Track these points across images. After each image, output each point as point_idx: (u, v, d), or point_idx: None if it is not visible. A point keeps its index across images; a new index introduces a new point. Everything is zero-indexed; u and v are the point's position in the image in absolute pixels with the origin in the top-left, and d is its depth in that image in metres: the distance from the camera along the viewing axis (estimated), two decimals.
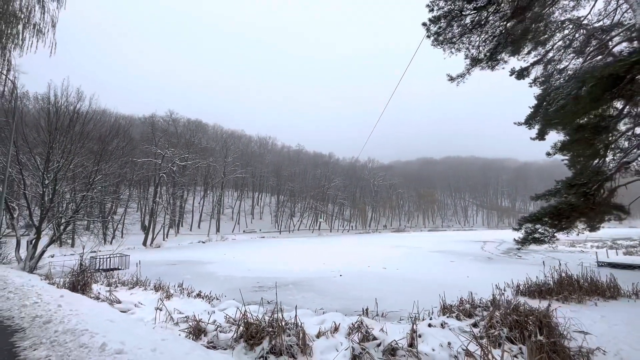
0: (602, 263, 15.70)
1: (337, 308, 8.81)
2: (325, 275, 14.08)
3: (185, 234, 50.88)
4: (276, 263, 18.82)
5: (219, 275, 15.02)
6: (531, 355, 4.98)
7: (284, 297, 10.46)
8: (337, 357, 4.89)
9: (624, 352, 5.33)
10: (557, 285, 9.49)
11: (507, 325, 5.76)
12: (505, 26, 5.22)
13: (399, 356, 4.92)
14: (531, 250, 26.21)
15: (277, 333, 5.37)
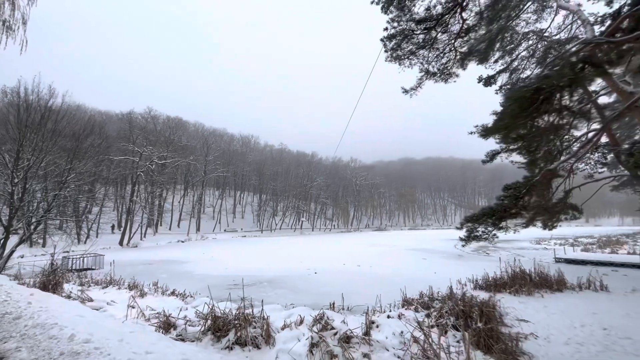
0: (559, 259, 16.90)
1: (307, 303, 9.25)
2: (301, 273, 14.50)
3: (164, 233, 50.03)
4: (254, 262, 19.08)
5: (195, 274, 15.16)
6: (471, 339, 5.59)
7: (258, 294, 10.81)
8: (297, 346, 5.32)
9: (553, 336, 6.03)
10: (511, 280, 10.30)
11: (454, 314, 6.38)
12: (453, 44, 5.78)
13: (353, 343, 5.40)
14: (499, 247, 27.61)
15: (242, 326, 5.76)
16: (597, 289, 10.05)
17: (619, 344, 5.40)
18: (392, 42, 5.52)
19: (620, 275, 12.86)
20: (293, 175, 78.47)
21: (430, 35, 5.55)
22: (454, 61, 5.99)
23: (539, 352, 5.32)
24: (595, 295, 9.43)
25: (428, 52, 5.85)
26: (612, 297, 9.25)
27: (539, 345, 5.65)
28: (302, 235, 59.26)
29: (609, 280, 11.78)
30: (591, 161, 15.87)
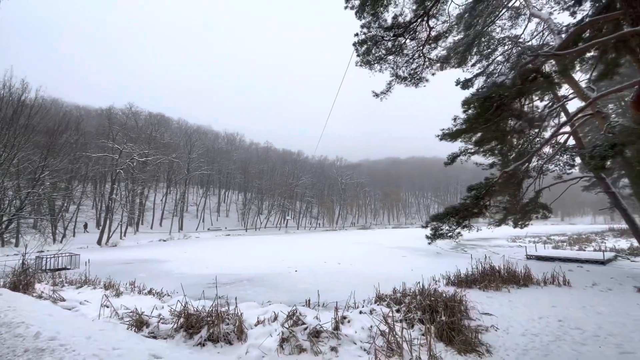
0: (530, 256, 17.65)
1: (285, 300, 9.40)
2: (281, 271, 14.62)
3: (146, 232, 49.01)
4: (236, 261, 19.06)
5: (175, 273, 15.05)
6: (434, 332, 5.91)
7: (236, 292, 10.86)
8: (268, 341, 5.48)
9: (512, 328, 6.41)
10: (481, 276, 10.79)
11: (420, 309, 6.68)
12: (421, 51, 6.04)
13: (322, 337, 5.61)
14: (477, 245, 28.50)
15: (215, 322, 5.87)
16: (560, 284, 10.63)
17: (570, 334, 5.81)
18: (363, 47, 5.72)
19: (584, 271, 13.58)
20: (278, 174, 78.24)
21: (398, 42, 5.78)
22: (423, 67, 6.26)
23: (497, 343, 5.66)
24: (557, 290, 9.98)
25: (397, 58, 6.08)
26: (573, 291, 9.82)
27: (498, 337, 6.00)
28: (287, 234, 59.24)
29: (573, 276, 12.47)
30: (560, 163, 16.65)
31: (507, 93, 4.62)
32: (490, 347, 5.45)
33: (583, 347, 5.15)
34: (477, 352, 5.25)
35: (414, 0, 5.18)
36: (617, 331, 5.74)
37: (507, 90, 4.61)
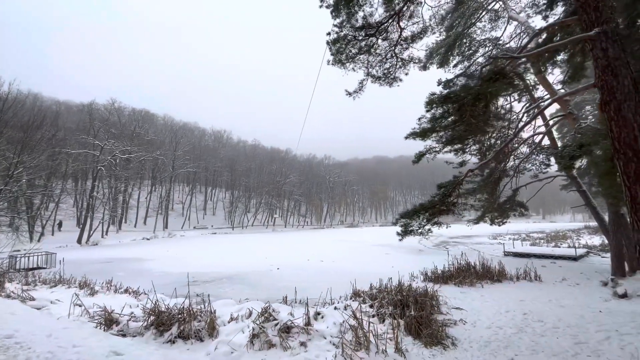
0: (508, 253, 18.19)
1: (262, 298, 9.43)
2: (263, 270, 14.63)
3: (129, 230, 48.07)
4: (219, 259, 18.94)
5: (155, 271, 14.86)
6: (404, 326, 6.06)
7: (216, 290, 10.85)
8: (238, 337, 5.51)
9: (479, 322, 6.62)
10: (457, 272, 11.08)
11: (392, 304, 6.83)
12: (393, 51, 6.15)
13: (293, 333, 5.67)
14: (459, 242, 29.13)
15: (186, 320, 5.86)
16: (532, 279, 11.02)
17: (532, 326, 6.05)
18: (336, 46, 5.78)
19: (556, 267, 14.10)
20: (266, 172, 77.82)
21: (370, 42, 5.86)
22: (395, 67, 6.37)
23: (462, 336, 5.84)
24: (528, 285, 10.34)
25: (370, 58, 6.16)
26: (543, 286, 10.19)
27: (465, 330, 6.19)
28: (274, 232, 59.09)
29: (545, 271, 12.93)
30: (537, 162, 17.15)
31: (464, 94, 4.77)
32: (456, 340, 5.62)
33: (542, 338, 5.37)
34: (442, 345, 5.42)
35: (383, 1, 5.27)
36: (575, 323, 6.01)
37: (465, 91, 4.77)
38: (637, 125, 4.17)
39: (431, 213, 6.53)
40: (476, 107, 5.24)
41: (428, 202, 6.60)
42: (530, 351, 4.92)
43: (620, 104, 4.22)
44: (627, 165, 4.22)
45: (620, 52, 4.27)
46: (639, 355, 4.41)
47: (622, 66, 4.25)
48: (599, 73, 4.41)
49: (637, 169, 4.15)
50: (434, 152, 6.95)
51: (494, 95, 4.82)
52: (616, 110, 4.26)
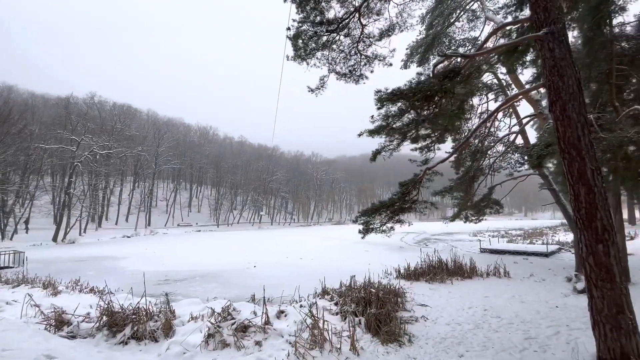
0: (484, 249, 18.54)
1: (232, 296, 9.34)
2: (240, 267, 14.48)
3: (110, 228, 46.94)
4: (197, 257, 18.66)
5: (127, 270, 14.52)
6: (365, 323, 6.08)
7: (187, 289, 10.67)
8: (194, 337, 5.40)
9: (441, 318, 6.69)
10: (428, 269, 11.22)
11: (355, 302, 6.84)
12: (357, 48, 6.09)
13: (250, 332, 5.60)
14: (440, 239, 29.56)
15: (140, 320, 5.71)
16: (501, 275, 11.25)
17: (489, 322, 6.14)
18: (297, 41, 5.68)
19: (528, 263, 14.44)
20: (253, 169, 77.18)
21: (332, 38, 5.80)
22: (360, 64, 6.32)
23: (421, 332, 5.89)
24: (497, 281, 10.54)
25: (332, 54, 6.10)
26: (510, 282, 10.41)
27: (425, 326, 6.25)
28: (260, 230, 58.72)
29: (516, 268, 13.23)
30: (512, 161, 17.51)
31: (411, 92, 4.76)
32: (414, 337, 5.66)
33: (495, 334, 5.46)
34: (399, 342, 5.44)
35: None
36: (530, 318, 6.13)
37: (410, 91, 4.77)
38: (581, 125, 4.25)
39: (392, 211, 6.53)
40: (429, 104, 5.25)
41: (388, 200, 6.60)
42: (481, 347, 4.98)
43: (565, 104, 4.29)
44: (571, 165, 4.29)
45: (566, 52, 4.33)
46: (577, 349, 4.52)
47: (567, 66, 4.31)
48: (547, 73, 4.47)
49: (580, 168, 4.23)
50: (389, 149, 6.94)
51: (449, 93, 4.83)
52: (562, 110, 4.33)
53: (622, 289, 4.06)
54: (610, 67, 9.04)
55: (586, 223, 4.22)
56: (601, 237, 4.11)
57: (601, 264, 4.11)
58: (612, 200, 9.24)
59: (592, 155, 4.20)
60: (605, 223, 4.12)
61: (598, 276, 4.14)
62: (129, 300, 7.61)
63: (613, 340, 4.03)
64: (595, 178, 4.17)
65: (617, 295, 4.04)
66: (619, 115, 8.37)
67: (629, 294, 4.15)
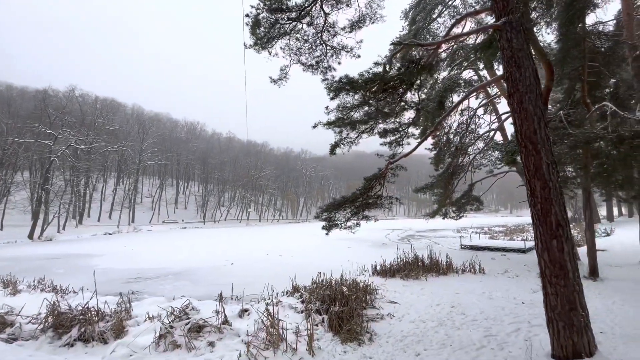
0: (464, 246, 18.65)
1: (200, 295, 9.07)
2: (216, 265, 14.19)
3: (91, 225, 45.80)
4: (175, 254, 18.25)
5: (99, 268, 14.05)
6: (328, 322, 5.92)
7: (155, 287, 10.34)
8: (145, 338, 5.14)
9: (407, 315, 6.58)
10: (404, 265, 11.16)
11: (320, 299, 6.68)
12: (321, 37, 5.88)
13: (205, 332, 5.38)
14: (423, 236, 29.74)
15: (89, 321, 5.42)
16: (476, 272, 11.26)
17: (453, 319, 6.06)
18: (256, 30, 5.43)
19: (505, 259, 14.54)
20: (240, 165, 76.40)
21: (294, 26, 5.56)
22: (326, 55, 6.11)
23: (384, 331, 5.76)
24: (471, 277, 10.54)
25: (297, 44, 5.86)
26: (484, 278, 10.43)
27: (389, 324, 6.12)
28: (247, 227, 58.19)
29: (493, 264, 13.30)
30: (492, 158, 17.62)
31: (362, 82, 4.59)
32: (375, 335, 5.53)
33: (457, 332, 5.37)
34: (358, 341, 5.30)
35: None
36: (495, 315, 6.08)
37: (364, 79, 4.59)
38: (537, 118, 4.13)
39: (356, 206, 6.37)
40: (387, 95, 5.08)
41: (351, 195, 6.44)
42: (440, 345, 4.88)
43: (523, 96, 4.16)
44: (528, 159, 4.18)
45: (523, 42, 4.20)
46: (533, 346, 4.44)
47: (525, 57, 4.19)
48: (505, 64, 4.34)
49: (536, 162, 4.12)
50: (347, 143, 6.76)
51: (408, 84, 4.68)
52: (519, 102, 4.21)
53: (575, 285, 3.99)
54: (582, 64, 9.05)
55: (541, 218, 4.12)
56: (555, 232, 4.02)
57: (555, 260, 4.02)
58: (583, 197, 9.31)
59: (548, 149, 4.10)
60: (560, 218, 4.03)
61: (552, 272, 4.06)
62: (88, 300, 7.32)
63: (566, 337, 3.97)
64: (550, 172, 4.07)
65: (570, 292, 3.96)
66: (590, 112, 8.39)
67: (582, 290, 4.09)
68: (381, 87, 4.72)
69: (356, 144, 7.01)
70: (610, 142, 6.67)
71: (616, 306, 6.41)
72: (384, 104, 5.56)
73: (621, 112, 7.05)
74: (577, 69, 9.21)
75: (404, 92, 5.32)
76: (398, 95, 5.38)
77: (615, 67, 9.40)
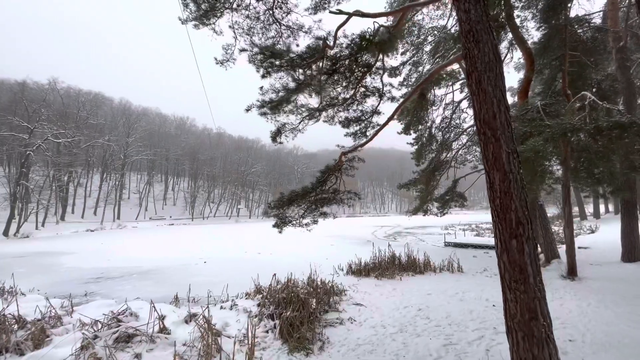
0: (448, 243, 18.31)
1: (161, 296, 8.55)
2: (188, 263, 13.60)
3: (74, 221, 44.62)
4: (149, 251, 17.57)
5: (64, 267, 13.35)
6: (280, 327, 5.40)
7: (113, 288, 9.69)
8: (64, 349, 4.57)
9: (371, 319, 6.08)
10: (379, 264, 10.70)
11: (274, 303, 6.15)
12: (272, 14, 5.28)
13: (135, 342, 4.81)
14: (411, 233, 29.43)
15: (6, 330, 4.82)
16: (454, 271, 10.86)
17: (416, 324, 5.58)
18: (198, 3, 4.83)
19: (487, 257, 14.20)
20: (230, 161, 75.35)
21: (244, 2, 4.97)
22: (281, 36, 5.52)
23: (339, 337, 5.27)
24: (448, 277, 10.12)
25: (245, 21, 5.28)
26: (461, 277, 10.02)
27: (348, 330, 5.63)
28: (237, 223, 57.45)
29: (474, 262, 12.94)
30: (477, 153, 17.24)
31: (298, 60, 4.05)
32: (327, 344, 5.03)
33: (415, 339, 4.89)
34: (307, 350, 4.79)
35: None
36: (461, 319, 5.62)
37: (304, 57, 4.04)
38: (497, 100, 3.62)
39: (311, 202, 5.84)
40: (341, 77, 4.54)
41: (301, 189, 5.90)
42: (393, 356, 4.39)
43: (481, 76, 3.64)
44: (486, 147, 3.67)
45: (482, 14, 3.68)
46: (491, 358, 3.98)
47: (484, 31, 3.66)
48: (463, 40, 3.81)
49: (495, 151, 3.62)
50: (291, 129, 6.19)
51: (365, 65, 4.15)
52: (477, 83, 3.69)
53: (536, 291, 3.50)
54: (564, 53, 8.61)
55: (501, 215, 3.63)
56: (515, 231, 3.52)
57: (515, 263, 3.53)
58: (563, 193, 8.92)
59: (508, 136, 3.59)
60: (520, 215, 3.53)
61: (511, 277, 3.56)
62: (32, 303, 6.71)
63: (525, 350, 3.48)
64: (511, 162, 3.57)
65: (530, 299, 3.48)
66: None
67: (545, 297, 3.60)
68: (329, 67, 4.16)
69: (302, 131, 6.42)
70: (587, 133, 6.23)
71: (591, 308, 6.00)
72: (342, 89, 5.02)
73: (600, 102, 6.61)
74: (558, 58, 8.77)
75: (362, 75, 4.76)
76: (356, 79, 4.83)
77: (598, 56, 8.98)
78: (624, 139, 5.85)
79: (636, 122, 5.68)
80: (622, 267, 9.86)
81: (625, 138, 5.86)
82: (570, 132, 6.44)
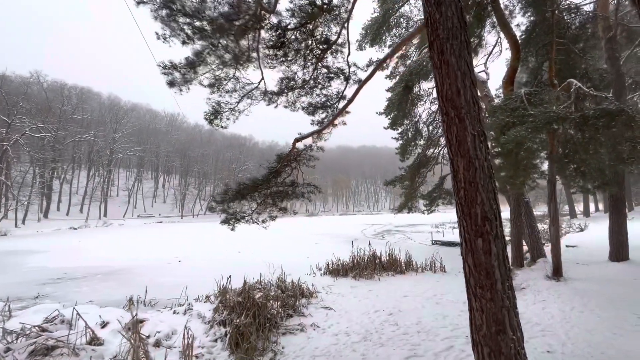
0: (435, 241, 17.89)
1: (120, 298, 7.88)
2: (160, 263, 12.96)
3: (58, 219, 43.48)
4: (126, 250, 16.87)
5: (27, 266, 12.62)
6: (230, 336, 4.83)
7: (69, 290, 8.98)
8: None
9: (336, 325, 5.54)
10: (357, 264, 10.18)
11: (228, 308, 5.57)
12: None
13: (56, 355, 4.20)
14: (400, 231, 29.03)
15: None
16: (437, 270, 10.40)
17: (382, 332, 5.06)
18: None
19: None
20: (222, 158, 74.42)
21: None
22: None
23: (297, 347, 4.71)
24: (429, 277, 9.65)
25: None
26: (443, 277, 9.56)
27: (308, 338, 5.08)
28: None
29: (459, 261, 12.46)
30: None
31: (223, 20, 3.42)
32: (280, 354, 4.48)
33: (377, 350, 4.36)
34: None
35: None
36: (432, 326, 5.10)
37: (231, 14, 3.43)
38: (462, 73, 3.05)
39: (265, 196, 5.26)
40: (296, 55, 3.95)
41: (251, 181, 5.31)
42: None
43: (443, 44, 3.08)
44: (450, 129, 3.11)
45: None
46: None
47: None
48: (424, 3, 3.25)
49: (459, 134, 3.06)
50: (229, 110, 5.53)
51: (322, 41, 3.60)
52: (439, 53, 3.13)
53: (504, 299, 2.96)
54: (551, 40, 8.12)
55: (465, 210, 3.08)
56: (481, 228, 2.98)
57: (480, 265, 2.99)
58: (548, 188, 8.46)
59: (474, 116, 3.03)
60: (487, 209, 2.99)
61: (477, 282, 3.03)
62: None
63: None
64: (477, 147, 3.02)
65: (497, 308, 2.94)
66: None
67: (515, 305, 3.07)
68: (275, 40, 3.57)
69: (247, 113, 5.80)
70: (573, 122, 5.74)
71: (574, 313, 5.52)
72: (299, 68, 4.43)
73: (586, 89, 6.12)
74: (544, 46, 8.27)
75: (322, 52, 4.18)
76: (315, 57, 4.24)
77: (585, 44, 8.51)
78: (611, 129, 5.39)
79: (624, 110, 5.21)
80: (610, 266, 9.47)
81: (613, 127, 5.39)
82: (555, 122, 5.94)
